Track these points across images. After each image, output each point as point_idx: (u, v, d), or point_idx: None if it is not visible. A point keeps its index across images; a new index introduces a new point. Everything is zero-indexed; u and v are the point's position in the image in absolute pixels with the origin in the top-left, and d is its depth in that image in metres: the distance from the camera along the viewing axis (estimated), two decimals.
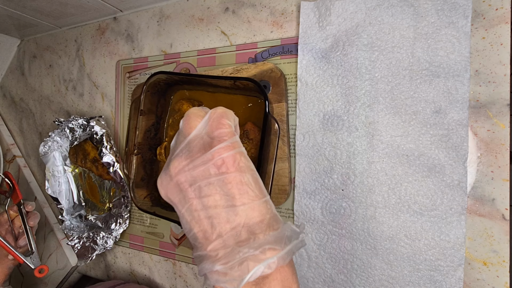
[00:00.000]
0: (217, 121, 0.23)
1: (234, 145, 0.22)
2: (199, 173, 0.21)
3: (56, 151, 0.57)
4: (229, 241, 0.20)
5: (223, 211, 0.21)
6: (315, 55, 0.40)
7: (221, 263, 0.20)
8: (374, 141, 0.37)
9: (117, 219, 0.53)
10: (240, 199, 0.21)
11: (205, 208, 0.21)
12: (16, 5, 0.55)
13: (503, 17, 0.33)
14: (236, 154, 0.22)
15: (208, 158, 0.21)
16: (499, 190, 0.33)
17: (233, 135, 0.23)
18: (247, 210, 0.21)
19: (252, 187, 0.21)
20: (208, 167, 0.21)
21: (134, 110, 0.50)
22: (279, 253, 0.20)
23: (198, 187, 0.21)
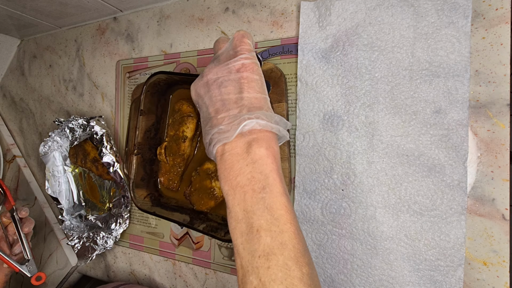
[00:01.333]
0: (240, 39, 0.29)
1: (251, 57, 0.29)
2: (223, 72, 0.28)
3: (56, 151, 0.57)
4: (233, 112, 0.27)
5: (233, 97, 0.27)
6: (315, 55, 0.40)
7: (225, 123, 0.26)
8: (374, 141, 0.37)
9: (117, 219, 0.53)
10: (247, 91, 0.27)
11: (221, 94, 0.28)
12: (16, 5, 0.55)
13: (503, 17, 0.33)
14: (252, 62, 0.28)
15: (232, 62, 0.28)
16: (499, 190, 0.33)
17: (251, 51, 0.29)
18: (251, 99, 0.27)
19: (258, 86, 0.28)
20: (230, 68, 0.28)
21: (134, 110, 0.50)
22: (269, 122, 0.26)
23: (220, 82, 0.28)
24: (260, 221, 0.23)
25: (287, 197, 0.25)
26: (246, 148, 0.26)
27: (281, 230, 0.23)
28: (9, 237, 0.50)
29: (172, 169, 0.46)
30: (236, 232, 0.24)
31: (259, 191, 0.24)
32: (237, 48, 0.29)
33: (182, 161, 0.45)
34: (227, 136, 0.26)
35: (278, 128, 0.27)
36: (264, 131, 0.26)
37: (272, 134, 0.27)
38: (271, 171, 0.25)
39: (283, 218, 0.24)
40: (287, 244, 0.23)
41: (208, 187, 0.42)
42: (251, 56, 0.29)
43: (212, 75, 0.29)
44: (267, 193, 0.24)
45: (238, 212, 0.24)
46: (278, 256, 0.22)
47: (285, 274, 0.22)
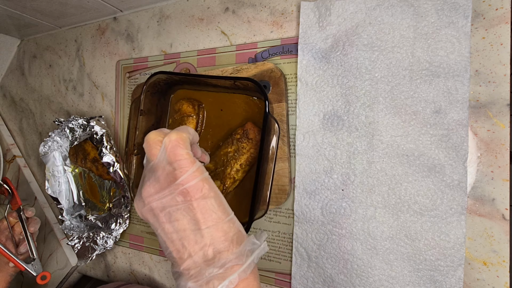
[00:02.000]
0: (173, 153, 0.25)
1: (195, 174, 0.25)
2: (167, 201, 0.25)
3: (56, 151, 0.57)
4: (198, 260, 0.24)
5: (191, 233, 0.24)
6: (315, 55, 0.40)
7: (193, 281, 0.23)
8: (374, 141, 0.37)
9: (117, 219, 0.53)
10: (204, 223, 0.24)
11: (176, 231, 0.24)
12: (16, 5, 0.55)
13: (503, 17, 0.33)
14: (199, 182, 0.25)
15: (174, 189, 0.24)
16: (499, 190, 0.33)
17: (193, 164, 0.25)
18: (211, 232, 0.24)
19: (215, 210, 0.25)
20: (174, 196, 0.24)
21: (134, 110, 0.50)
22: (241, 268, 0.23)
23: (168, 213, 0.25)
24: None
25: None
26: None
27: None
28: (15, 236, 0.51)
29: None
30: None
31: None
32: (173, 164, 0.25)
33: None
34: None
35: (253, 261, 0.24)
36: (240, 281, 0.24)
37: (251, 276, 0.24)
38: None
39: None
40: None
41: None
42: (194, 172, 0.24)
43: (157, 203, 0.25)
44: None
45: None
46: None
47: None
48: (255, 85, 0.36)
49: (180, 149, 0.25)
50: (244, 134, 0.40)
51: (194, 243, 0.24)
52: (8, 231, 0.50)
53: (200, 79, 0.41)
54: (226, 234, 0.25)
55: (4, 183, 0.54)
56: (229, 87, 0.42)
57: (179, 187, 0.24)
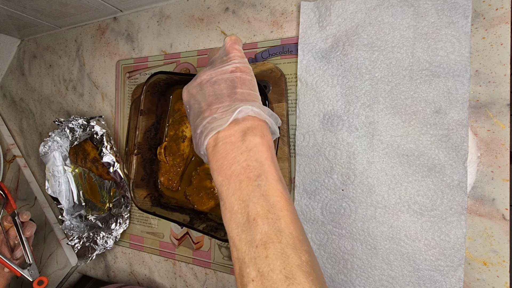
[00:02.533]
0: (231, 46, 0.30)
1: (243, 61, 0.30)
2: (217, 73, 0.29)
3: (56, 151, 0.57)
4: (227, 103, 0.27)
5: (226, 92, 0.28)
6: (315, 55, 0.40)
7: (219, 111, 0.26)
8: (374, 141, 0.37)
9: (117, 219, 0.53)
10: (240, 87, 0.28)
11: (214, 90, 0.28)
12: (16, 5, 0.55)
13: (503, 17, 0.33)
14: (244, 66, 0.29)
15: (225, 65, 0.29)
16: (499, 190, 0.33)
17: (243, 57, 0.30)
18: (244, 93, 0.28)
19: (252, 84, 0.29)
20: (224, 69, 0.29)
21: (134, 110, 0.50)
22: (262, 110, 0.27)
23: (214, 81, 0.29)
24: (257, 208, 0.23)
25: (283, 184, 0.25)
26: (241, 137, 0.25)
27: (277, 217, 0.22)
28: (10, 241, 0.50)
29: (172, 169, 0.46)
30: (232, 224, 0.24)
31: (254, 179, 0.24)
32: (229, 54, 0.30)
33: (182, 161, 0.45)
34: (220, 124, 0.25)
35: (270, 120, 0.28)
36: (258, 120, 0.27)
37: (266, 124, 0.27)
38: (266, 159, 0.25)
39: (279, 204, 0.23)
40: (284, 231, 0.22)
41: (208, 186, 0.42)
42: (243, 60, 0.30)
43: (206, 76, 0.29)
44: (263, 180, 0.24)
45: (234, 202, 0.24)
46: (276, 243, 0.21)
47: (284, 263, 0.21)
48: None
49: (237, 45, 0.30)
50: None
51: (227, 96, 0.27)
52: (2, 235, 0.49)
53: None
54: (254, 99, 0.28)
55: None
56: None
57: (231, 64, 0.29)
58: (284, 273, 0.20)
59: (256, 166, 0.24)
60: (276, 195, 0.23)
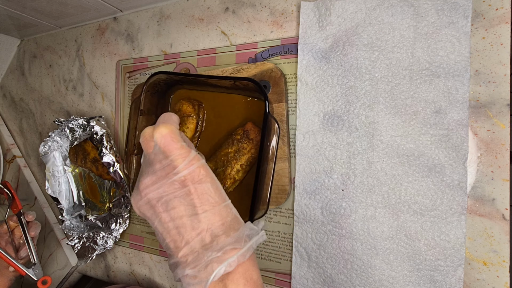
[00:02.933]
0: (168, 148, 0.25)
1: (192, 162, 0.25)
2: (164, 190, 0.25)
3: (56, 151, 0.57)
4: (196, 246, 0.23)
5: (188, 220, 0.24)
6: (315, 55, 0.40)
7: (190, 267, 0.23)
8: (374, 141, 0.37)
9: (117, 219, 0.53)
10: (201, 207, 0.24)
11: (173, 220, 0.24)
12: (16, 5, 0.55)
13: (503, 17, 0.33)
14: (195, 169, 0.25)
15: (171, 177, 0.24)
16: (499, 190, 0.33)
17: (189, 153, 0.25)
18: (208, 216, 0.24)
19: (212, 195, 0.25)
20: (172, 184, 0.24)
21: (134, 110, 0.50)
22: (239, 252, 0.23)
23: (165, 202, 0.25)
24: None
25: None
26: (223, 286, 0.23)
27: None
28: (15, 240, 0.50)
29: None
30: None
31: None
32: (169, 155, 0.25)
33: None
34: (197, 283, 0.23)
35: (251, 246, 0.24)
36: (239, 265, 0.23)
37: (249, 261, 0.24)
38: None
39: None
40: None
41: None
42: (190, 161, 0.25)
43: (154, 193, 0.25)
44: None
45: None
46: None
47: None
48: (255, 85, 0.36)
49: (173, 143, 0.25)
50: (245, 134, 0.40)
51: (191, 229, 0.24)
52: (8, 235, 0.50)
53: (200, 79, 0.41)
54: (223, 218, 0.24)
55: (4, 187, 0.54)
56: (229, 87, 0.42)
57: (177, 175, 0.24)
58: None
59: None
60: None
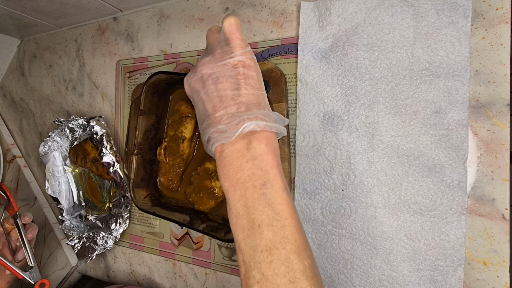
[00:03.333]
0: (232, 35, 0.28)
1: (247, 53, 0.28)
2: (219, 68, 0.28)
3: (56, 151, 0.57)
4: (231, 110, 0.26)
5: (230, 93, 0.27)
6: (315, 55, 0.40)
7: (224, 123, 0.26)
8: (374, 141, 0.37)
9: (117, 219, 0.53)
10: (244, 87, 0.27)
11: (218, 90, 0.27)
12: (16, 5, 0.55)
13: (503, 17, 0.33)
14: (248, 58, 0.28)
15: (228, 58, 0.28)
16: (499, 190, 0.33)
17: (246, 46, 0.29)
18: (248, 95, 0.27)
19: (255, 82, 0.28)
20: (226, 64, 0.28)
21: (134, 110, 0.50)
22: (267, 122, 0.26)
23: (216, 77, 0.28)
24: (262, 216, 0.23)
25: (288, 192, 0.25)
26: (246, 145, 0.26)
27: (282, 225, 0.23)
28: (11, 243, 0.49)
29: (172, 169, 0.46)
30: (238, 228, 0.24)
31: (260, 187, 0.24)
32: (230, 43, 0.28)
33: (181, 162, 0.45)
34: (226, 137, 0.26)
35: (276, 127, 0.27)
36: (264, 132, 0.26)
37: (271, 133, 0.27)
38: (271, 167, 0.25)
39: (284, 213, 0.24)
40: (289, 238, 0.23)
41: (208, 186, 0.42)
42: (246, 52, 0.28)
43: (209, 69, 0.28)
44: (268, 189, 0.24)
45: (239, 208, 0.25)
46: (280, 250, 0.22)
47: (288, 268, 0.22)
48: None
49: (237, 33, 0.29)
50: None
51: (231, 99, 0.27)
52: (4, 237, 0.49)
53: None
54: (260, 101, 0.27)
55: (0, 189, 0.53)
56: None
57: (232, 58, 0.27)
58: (288, 278, 0.21)
59: (261, 175, 0.25)
60: (281, 203, 0.24)
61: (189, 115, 0.44)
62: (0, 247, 0.49)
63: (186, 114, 0.44)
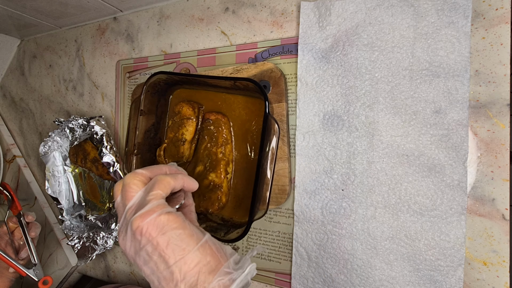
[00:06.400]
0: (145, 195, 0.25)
1: (149, 212, 0.24)
2: (136, 246, 0.24)
3: (56, 151, 0.57)
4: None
5: (164, 272, 0.23)
6: (315, 55, 0.40)
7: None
8: (374, 141, 0.37)
9: (117, 219, 0.53)
10: (171, 258, 0.23)
11: (152, 272, 0.24)
12: (16, 5, 0.55)
13: (503, 17, 0.33)
14: (154, 218, 0.24)
15: (133, 231, 0.24)
16: (499, 190, 0.33)
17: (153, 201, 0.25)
18: (180, 266, 0.23)
19: (180, 242, 0.24)
20: (137, 238, 0.24)
21: (134, 110, 0.50)
22: None
23: (141, 256, 0.24)
24: None
25: None
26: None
27: None
28: (15, 241, 0.50)
29: None
30: None
31: None
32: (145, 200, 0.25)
33: (181, 163, 0.45)
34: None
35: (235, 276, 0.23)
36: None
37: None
38: None
39: None
40: None
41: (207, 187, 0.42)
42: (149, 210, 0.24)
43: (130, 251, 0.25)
44: None
45: None
46: None
47: None
48: (255, 85, 0.36)
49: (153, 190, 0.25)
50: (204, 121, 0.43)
51: (169, 281, 0.23)
52: (7, 236, 0.50)
53: (200, 79, 0.41)
54: (196, 265, 0.23)
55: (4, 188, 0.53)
56: (229, 88, 0.42)
57: (138, 230, 0.24)
58: None
59: None
60: None
61: (190, 117, 0.44)
62: (4, 245, 0.50)
63: (188, 116, 0.44)
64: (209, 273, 0.23)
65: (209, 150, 0.43)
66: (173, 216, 0.25)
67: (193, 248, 0.24)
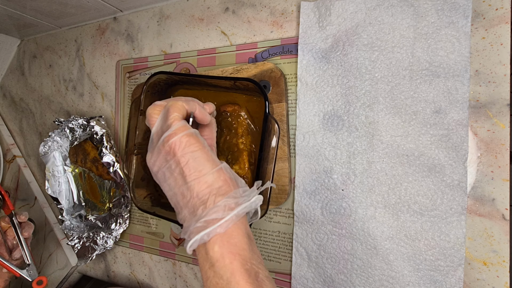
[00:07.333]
0: (165, 118, 0.27)
1: (177, 131, 0.26)
2: (159, 162, 0.27)
3: (56, 151, 0.57)
4: (186, 214, 0.25)
5: (181, 188, 0.25)
6: (315, 55, 0.40)
7: (183, 232, 0.25)
8: (374, 141, 0.37)
9: (117, 219, 0.53)
10: (189, 176, 0.25)
11: (171, 188, 0.26)
12: (16, 5, 0.55)
13: (503, 17, 0.33)
14: (180, 138, 0.26)
15: (161, 146, 0.26)
16: (499, 190, 0.33)
17: (176, 122, 0.26)
18: (195, 185, 0.25)
19: (199, 163, 0.25)
20: (162, 155, 0.26)
21: (134, 110, 0.50)
22: (218, 223, 0.23)
23: (163, 173, 0.27)
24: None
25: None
26: (204, 251, 0.24)
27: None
28: (8, 242, 0.50)
29: None
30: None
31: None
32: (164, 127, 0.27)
33: None
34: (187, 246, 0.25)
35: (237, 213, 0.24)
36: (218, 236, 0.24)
37: (234, 229, 0.24)
38: (232, 274, 0.23)
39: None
40: None
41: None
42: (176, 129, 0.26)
43: (154, 168, 0.27)
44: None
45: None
46: None
47: None
48: (255, 85, 0.36)
49: (170, 113, 0.27)
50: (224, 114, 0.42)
51: (183, 197, 0.25)
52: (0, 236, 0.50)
53: (200, 79, 0.41)
54: (210, 186, 0.25)
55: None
56: (229, 88, 0.42)
57: (166, 143, 0.26)
58: None
59: (223, 285, 0.23)
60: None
61: None
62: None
63: None
64: (218, 195, 0.25)
65: (229, 143, 0.42)
66: (195, 139, 0.26)
67: (211, 170, 0.25)
